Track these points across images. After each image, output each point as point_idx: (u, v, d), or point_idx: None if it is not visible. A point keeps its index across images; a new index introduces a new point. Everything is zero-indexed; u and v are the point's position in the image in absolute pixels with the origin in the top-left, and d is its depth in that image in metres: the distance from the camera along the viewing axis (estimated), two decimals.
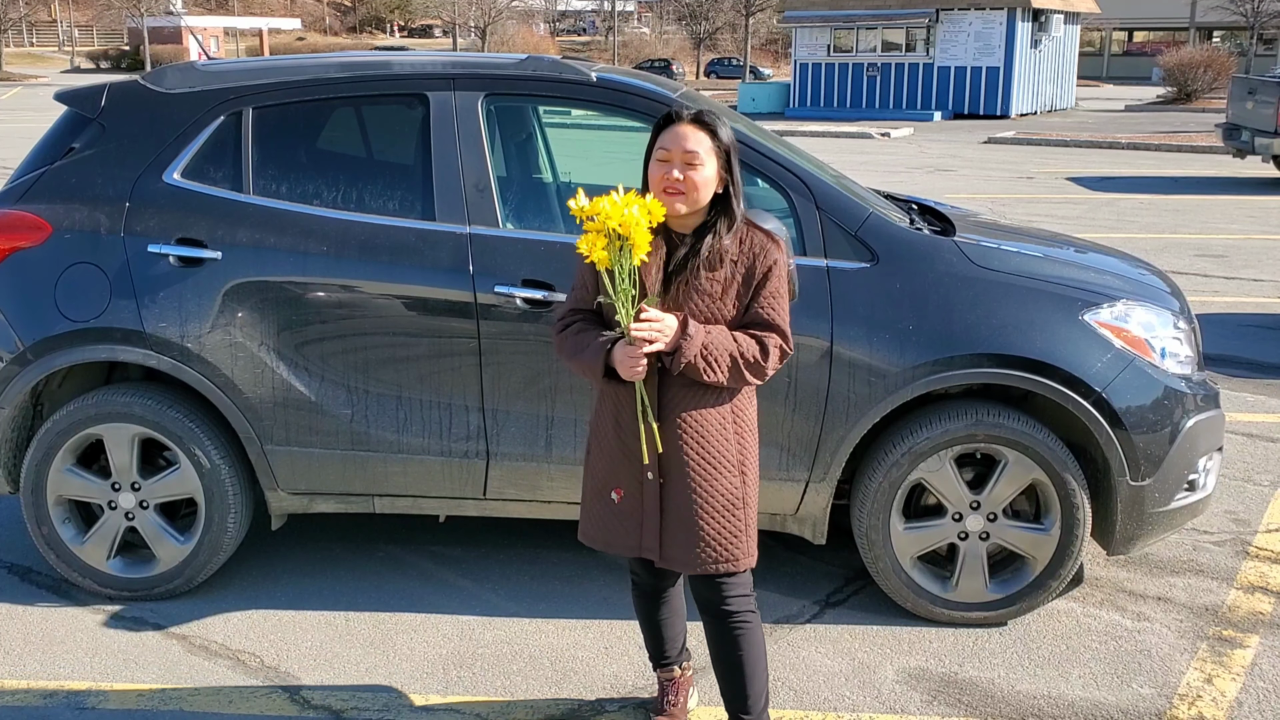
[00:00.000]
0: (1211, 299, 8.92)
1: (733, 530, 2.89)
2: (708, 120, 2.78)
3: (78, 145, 4.10)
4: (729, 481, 2.88)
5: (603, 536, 3.01)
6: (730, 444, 2.88)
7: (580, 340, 2.86)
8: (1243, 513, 4.93)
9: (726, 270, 2.80)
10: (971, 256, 3.88)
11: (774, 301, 2.83)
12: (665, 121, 2.80)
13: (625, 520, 2.95)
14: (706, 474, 2.86)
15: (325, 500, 4.13)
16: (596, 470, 3.00)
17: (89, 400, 4.03)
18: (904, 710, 3.48)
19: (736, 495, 2.89)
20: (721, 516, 2.88)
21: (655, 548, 2.93)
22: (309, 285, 3.92)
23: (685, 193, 2.75)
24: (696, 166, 2.75)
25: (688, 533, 2.88)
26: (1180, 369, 3.95)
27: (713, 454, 2.86)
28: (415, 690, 3.60)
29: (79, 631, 3.96)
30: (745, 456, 2.92)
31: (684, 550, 2.89)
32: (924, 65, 32.12)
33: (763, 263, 2.81)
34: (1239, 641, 3.88)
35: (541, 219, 4.46)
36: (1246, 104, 16.12)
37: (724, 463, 2.87)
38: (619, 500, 2.94)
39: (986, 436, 3.79)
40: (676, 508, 2.88)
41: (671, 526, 2.90)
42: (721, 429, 2.86)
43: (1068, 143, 22.83)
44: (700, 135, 2.76)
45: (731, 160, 2.80)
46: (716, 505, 2.87)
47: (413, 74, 4.08)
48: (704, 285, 2.80)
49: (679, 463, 2.86)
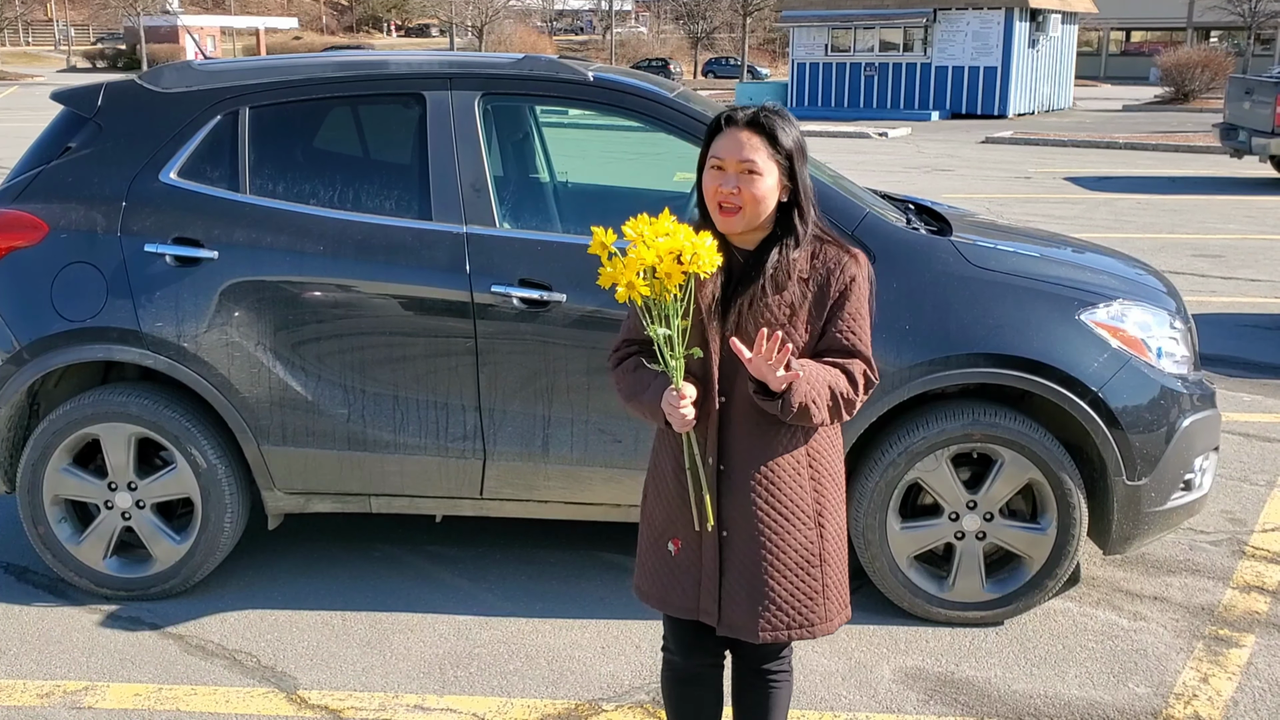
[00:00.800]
0: (1208, 299, 8.93)
1: (808, 592, 2.55)
2: (765, 123, 2.45)
3: (74, 144, 4.10)
4: (803, 536, 2.54)
5: (658, 592, 2.63)
6: (805, 493, 2.53)
7: (639, 380, 2.53)
8: (1239, 512, 4.93)
9: (795, 291, 2.46)
10: (968, 256, 3.89)
11: (854, 324, 2.48)
12: (718, 126, 2.48)
13: (683, 576, 2.58)
14: (777, 527, 2.52)
15: (322, 500, 4.13)
16: (654, 518, 2.64)
17: (85, 400, 4.03)
18: (901, 710, 3.48)
19: (813, 551, 2.55)
20: (795, 576, 2.54)
21: (714, 610, 2.56)
22: (305, 285, 3.92)
23: (742, 207, 2.43)
24: (754, 177, 2.42)
25: (752, 594, 2.53)
26: (1176, 369, 3.96)
27: (784, 505, 2.52)
28: (412, 690, 3.60)
29: (75, 631, 3.96)
30: (824, 507, 2.57)
31: (747, 614, 2.54)
32: (921, 65, 32.13)
33: (838, 280, 2.47)
34: (1235, 641, 3.88)
35: (538, 219, 4.46)
36: (1244, 104, 16.13)
37: (798, 515, 2.53)
38: (676, 553, 2.59)
39: (983, 436, 3.79)
40: (741, 565, 2.53)
41: (733, 587, 2.54)
42: (795, 476, 2.52)
43: (1065, 142, 22.84)
44: (756, 141, 2.43)
45: (795, 166, 2.46)
46: (788, 563, 2.53)
47: (409, 73, 4.08)
48: (771, 309, 2.45)
49: (745, 514, 2.51)
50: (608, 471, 3.93)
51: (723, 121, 2.47)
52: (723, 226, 2.46)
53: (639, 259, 2.27)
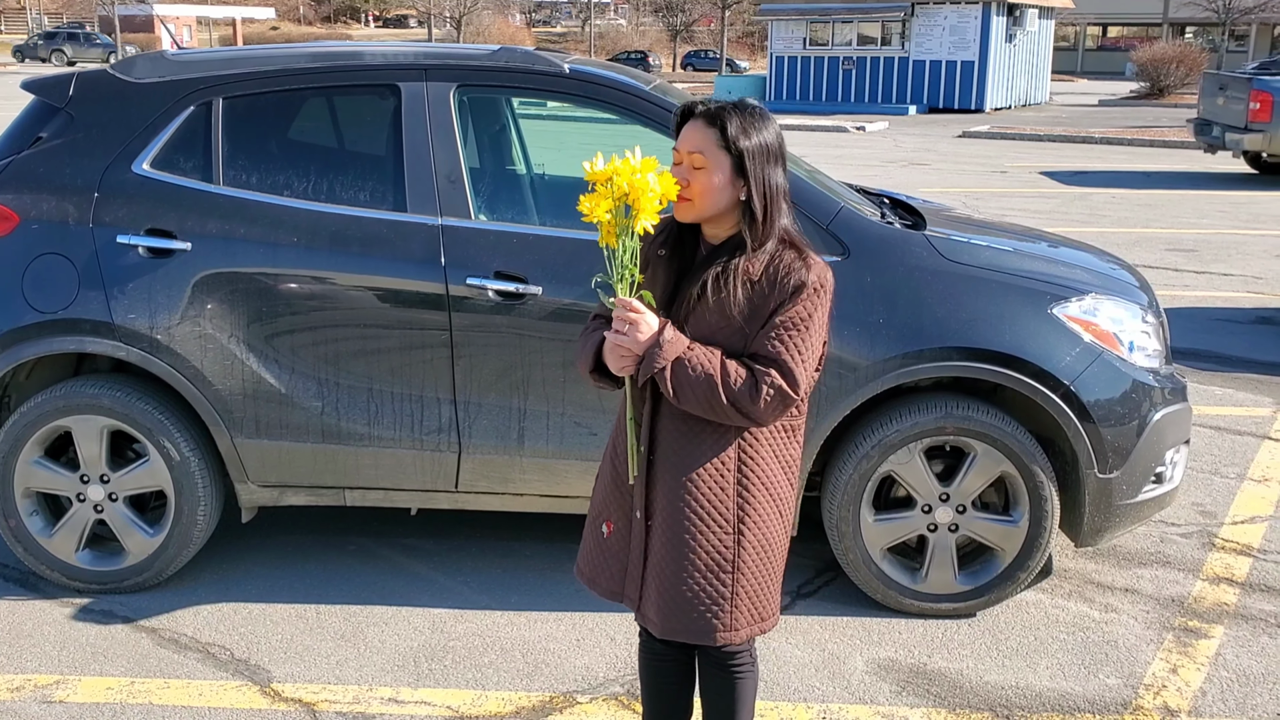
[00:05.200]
0: (1181, 293, 9.00)
1: (713, 597, 2.50)
2: (718, 115, 2.39)
3: (45, 134, 4.06)
4: (715, 540, 2.48)
5: (589, 571, 2.68)
6: (726, 497, 2.47)
7: (587, 339, 2.55)
8: (1209, 505, 4.98)
9: (739, 295, 2.38)
10: (942, 251, 3.91)
11: (785, 333, 2.36)
12: (681, 118, 2.46)
13: (611, 559, 2.62)
14: (690, 526, 2.47)
15: (296, 493, 4.11)
16: (595, 499, 2.70)
17: (57, 392, 4.00)
18: (873, 701, 3.50)
19: (725, 557, 2.48)
20: (701, 578, 2.49)
21: (635, 597, 2.58)
22: (279, 276, 3.90)
23: (691, 200, 2.39)
24: (699, 171, 2.38)
25: (660, 589, 2.52)
26: (1148, 362, 3.99)
27: (700, 505, 2.47)
28: (386, 683, 3.59)
29: (47, 624, 3.94)
30: (747, 514, 2.48)
31: (656, 609, 2.54)
32: (899, 59, 32.20)
33: (782, 288, 2.37)
34: (1204, 632, 3.92)
35: (515, 211, 4.46)
36: (1218, 99, 16.24)
37: (713, 518, 2.47)
38: (608, 535, 2.62)
39: (956, 429, 3.81)
40: (656, 558, 2.52)
41: (649, 578, 2.54)
42: (718, 478, 2.46)
43: (1041, 137, 22.94)
44: (708, 134, 2.38)
45: (748, 164, 2.38)
46: (696, 564, 2.48)
47: (384, 64, 4.06)
48: (711, 306, 2.40)
49: (665, 508, 2.49)
50: (583, 464, 3.93)
51: (682, 113, 2.45)
52: (677, 215, 2.44)
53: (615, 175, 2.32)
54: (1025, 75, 34.29)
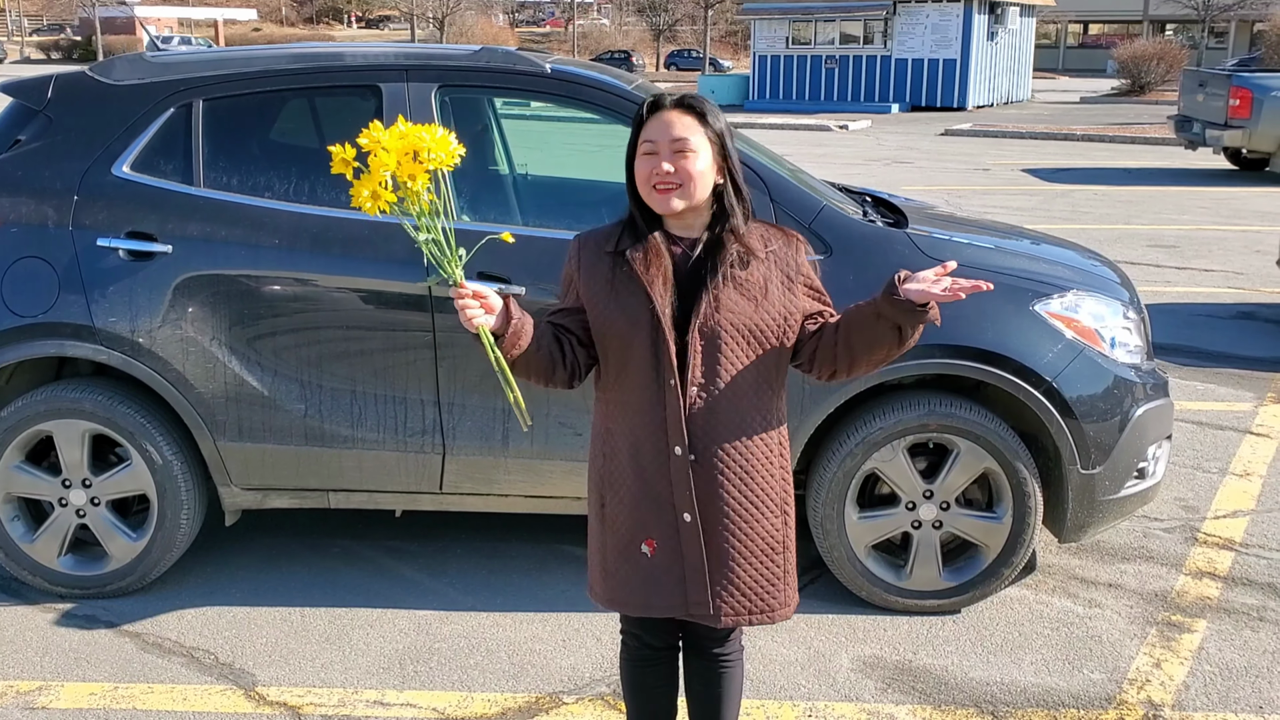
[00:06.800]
0: (1163, 289, 9.04)
1: (770, 578, 2.57)
2: (694, 104, 2.46)
3: (24, 137, 4.04)
4: (769, 523, 2.56)
5: (639, 599, 2.56)
6: (775, 480, 2.56)
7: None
8: (1192, 500, 5.01)
9: (761, 268, 2.48)
10: (923, 248, 3.92)
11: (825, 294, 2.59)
12: (647, 111, 2.47)
13: (664, 574, 2.53)
14: (746, 514, 2.52)
15: (280, 495, 4.10)
16: (617, 522, 2.56)
17: (38, 396, 3.98)
18: (859, 698, 3.51)
19: (777, 539, 2.58)
20: (759, 562, 2.55)
21: (706, 600, 2.53)
22: (261, 279, 3.89)
23: (681, 184, 2.42)
24: (689, 155, 2.41)
25: (715, 579, 2.53)
26: (1130, 358, 4.01)
27: (756, 492, 2.53)
28: (372, 685, 3.58)
29: (29, 630, 3.91)
30: (789, 495, 2.61)
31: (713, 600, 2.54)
32: (881, 57, 32.27)
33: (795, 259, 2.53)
34: (1187, 626, 3.94)
35: (497, 211, 4.45)
36: (1198, 96, 16.33)
37: (767, 503, 2.55)
38: (652, 554, 2.53)
39: (939, 426, 3.82)
40: (708, 551, 2.52)
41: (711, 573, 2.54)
42: (767, 463, 2.54)
43: (1023, 135, 23.02)
44: (688, 120, 2.44)
45: (727, 145, 2.47)
46: (754, 549, 2.54)
47: (365, 65, 4.05)
48: (744, 288, 2.45)
49: (715, 500, 2.50)
50: (568, 465, 3.93)
51: (648, 107, 2.47)
52: (661, 207, 2.43)
53: (380, 165, 2.22)
54: (1007, 73, 34.41)
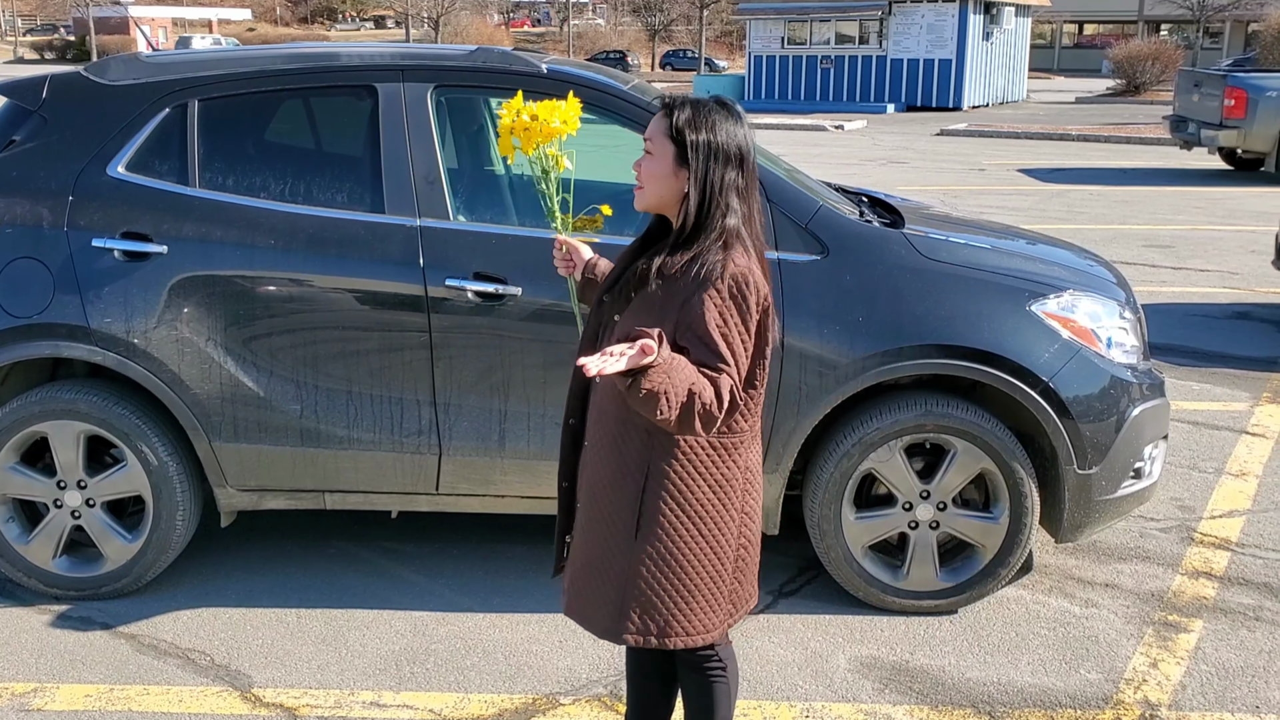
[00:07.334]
0: (1159, 289, 9.05)
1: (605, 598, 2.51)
2: (673, 105, 2.39)
3: (19, 138, 4.03)
4: (605, 534, 2.50)
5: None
6: (625, 508, 2.45)
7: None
8: (1188, 499, 5.01)
9: (655, 284, 2.34)
10: (920, 248, 3.91)
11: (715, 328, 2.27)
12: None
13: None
14: (594, 528, 2.53)
15: (275, 496, 4.09)
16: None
17: (33, 397, 3.97)
18: (856, 699, 3.51)
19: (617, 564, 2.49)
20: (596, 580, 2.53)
21: (564, 589, 2.64)
22: (257, 279, 3.88)
23: (642, 185, 2.42)
24: (649, 156, 2.40)
25: (571, 579, 2.61)
26: (1126, 358, 4.01)
27: (604, 510, 2.50)
28: (368, 687, 3.58)
29: (24, 632, 3.90)
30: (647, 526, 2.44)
31: (568, 594, 2.61)
32: (877, 57, 32.29)
33: (698, 279, 2.29)
34: (1183, 626, 3.94)
35: (493, 211, 4.44)
36: (1193, 96, 16.34)
37: (613, 523, 2.48)
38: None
39: (936, 426, 3.82)
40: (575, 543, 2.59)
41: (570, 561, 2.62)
42: (620, 488, 2.45)
43: (1019, 135, 23.04)
44: (660, 121, 2.39)
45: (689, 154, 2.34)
46: (588, 558, 2.55)
47: (361, 66, 4.04)
48: (637, 299, 2.40)
49: (581, 507, 2.55)
50: None
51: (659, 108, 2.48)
52: (635, 203, 2.47)
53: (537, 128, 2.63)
54: (1002, 73, 34.45)
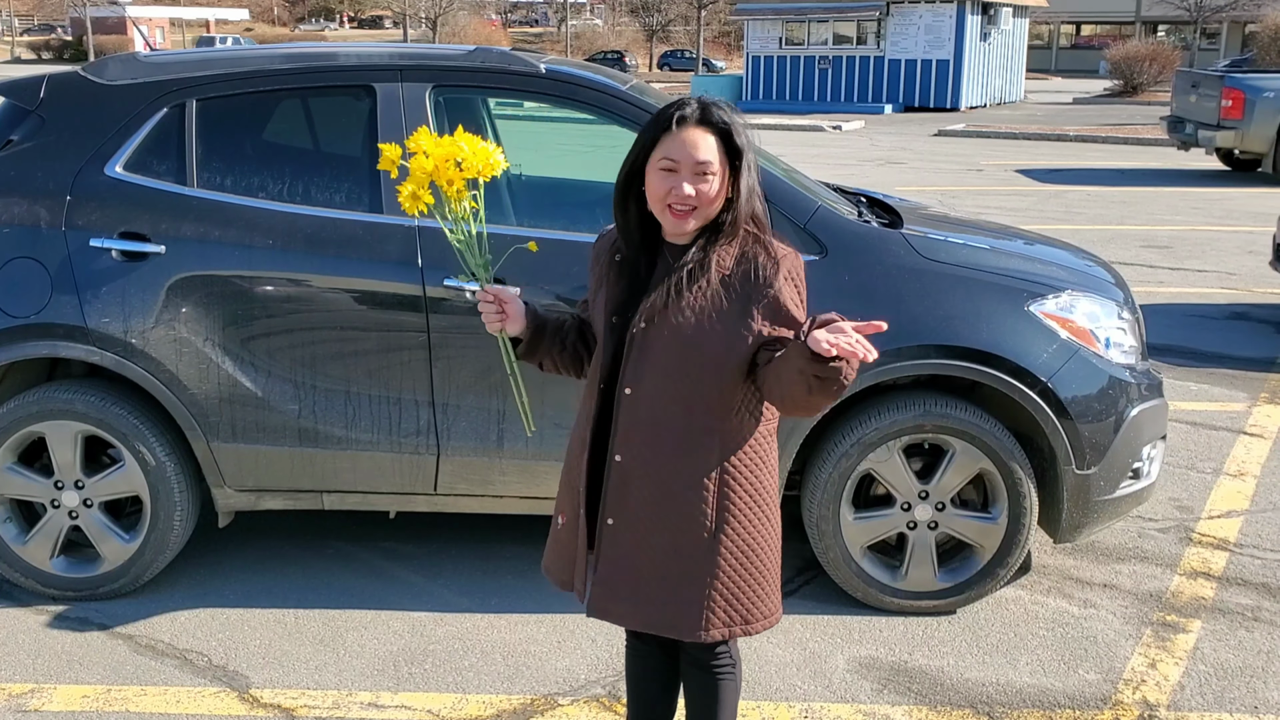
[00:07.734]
0: (1156, 289, 9.05)
1: (690, 597, 2.48)
2: (718, 122, 2.35)
3: (16, 137, 4.02)
4: (687, 540, 2.47)
5: (546, 560, 2.72)
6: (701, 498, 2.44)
7: None
8: (1186, 500, 5.01)
9: (716, 290, 2.35)
10: (918, 249, 3.91)
11: (798, 309, 2.38)
12: (669, 124, 2.34)
13: (562, 550, 2.65)
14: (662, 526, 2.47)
15: (273, 497, 4.09)
16: (557, 491, 2.73)
17: (30, 397, 3.96)
18: (854, 699, 3.51)
19: (700, 562, 2.47)
20: (679, 580, 2.48)
21: (584, 590, 2.58)
22: (255, 279, 3.87)
23: (698, 207, 2.34)
24: (709, 179, 2.33)
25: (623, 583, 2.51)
26: (1124, 359, 4.01)
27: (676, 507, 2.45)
28: (366, 687, 3.57)
29: (21, 633, 3.90)
30: (726, 521, 2.46)
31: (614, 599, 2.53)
32: (874, 58, 32.30)
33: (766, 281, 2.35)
34: (1182, 626, 3.94)
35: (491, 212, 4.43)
36: (1190, 97, 16.36)
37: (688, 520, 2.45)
38: (561, 525, 2.66)
39: (934, 427, 3.82)
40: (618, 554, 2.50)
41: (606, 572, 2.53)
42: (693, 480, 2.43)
43: (1017, 135, 23.05)
44: (711, 142, 2.33)
45: (744, 165, 2.36)
46: (674, 568, 2.48)
47: (359, 65, 4.04)
48: (687, 303, 2.35)
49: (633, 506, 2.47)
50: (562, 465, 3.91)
51: (675, 121, 2.34)
52: (674, 228, 2.38)
53: (420, 169, 2.33)
54: (1000, 73, 34.47)
